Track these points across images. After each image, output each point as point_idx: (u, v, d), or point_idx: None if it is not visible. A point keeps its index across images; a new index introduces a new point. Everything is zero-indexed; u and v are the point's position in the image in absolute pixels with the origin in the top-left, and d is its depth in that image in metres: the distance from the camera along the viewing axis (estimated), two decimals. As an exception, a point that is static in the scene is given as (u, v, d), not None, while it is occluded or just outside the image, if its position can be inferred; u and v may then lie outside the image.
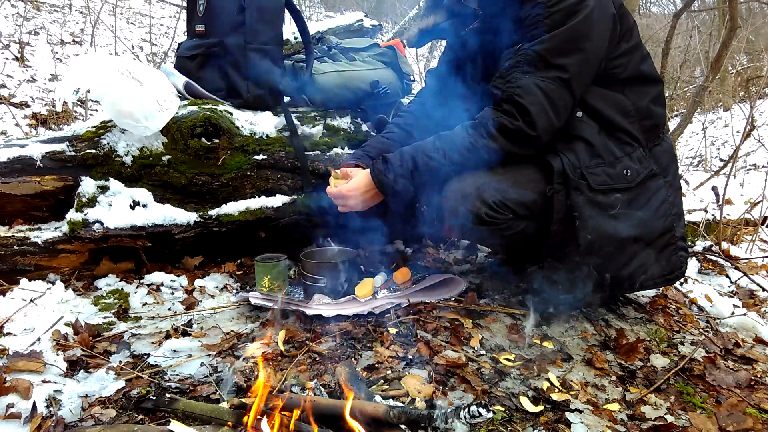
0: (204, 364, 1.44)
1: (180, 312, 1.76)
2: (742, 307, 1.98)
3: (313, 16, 10.26)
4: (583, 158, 1.54)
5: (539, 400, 1.36)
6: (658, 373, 1.51)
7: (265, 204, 1.98)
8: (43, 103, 5.14)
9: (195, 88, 2.04)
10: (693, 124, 6.89)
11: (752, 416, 1.31)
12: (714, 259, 2.42)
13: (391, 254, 2.30)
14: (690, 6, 4.23)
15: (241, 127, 2.00)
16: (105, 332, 1.60)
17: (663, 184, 1.61)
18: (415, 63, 6.07)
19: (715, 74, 3.88)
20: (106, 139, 1.86)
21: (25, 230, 1.79)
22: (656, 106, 1.64)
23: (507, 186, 1.55)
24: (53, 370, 1.35)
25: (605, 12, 1.51)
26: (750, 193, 3.76)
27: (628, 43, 1.59)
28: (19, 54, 5.63)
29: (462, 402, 1.31)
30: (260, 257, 1.87)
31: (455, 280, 1.98)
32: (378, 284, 1.93)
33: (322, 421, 1.14)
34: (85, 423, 1.19)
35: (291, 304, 1.71)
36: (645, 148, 1.60)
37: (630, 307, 1.90)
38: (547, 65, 1.49)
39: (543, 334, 1.69)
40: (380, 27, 3.33)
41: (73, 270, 1.88)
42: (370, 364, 1.46)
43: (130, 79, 1.78)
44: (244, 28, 2.00)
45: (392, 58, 2.42)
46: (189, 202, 1.95)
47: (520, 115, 1.50)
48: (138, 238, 1.84)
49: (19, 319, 1.53)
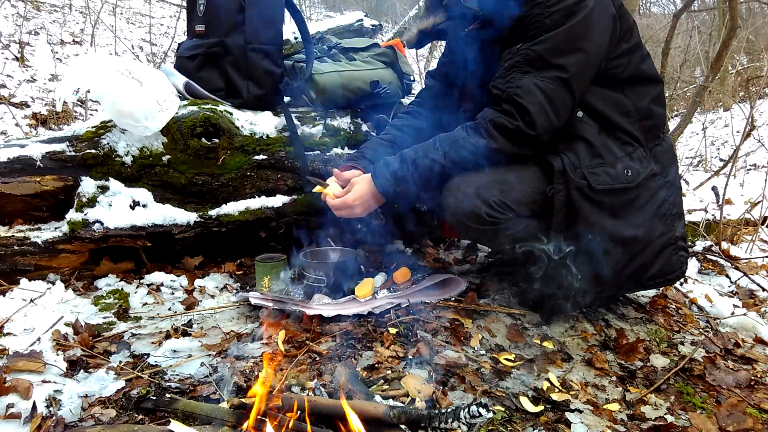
0: (204, 364, 1.44)
1: (180, 312, 1.76)
2: (742, 307, 1.98)
3: (313, 16, 10.27)
4: (583, 158, 1.54)
5: (539, 400, 1.36)
6: (658, 373, 1.51)
7: (265, 204, 1.98)
8: (43, 103, 5.14)
9: (195, 88, 2.04)
10: (693, 124, 6.89)
11: (752, 416, 1.31)
12: (714, 259, 2.42)
13: (391, 254, 2.30)
14: (690, 6, 4.23)
15: (241, 127, 2.00)
16: (105, 332, 1.60)
17: (663, 184, 1.61)
18: (415, 63, 6.08)
19: (715, 74, 3.88)
20: (106, 139, 1.86)
21: (25, 230, 1.79)
22: (656, 106, 1.65)
23: (507, 186, 1.55)
24: (53, 370, 1.35)
25: (605, 12, 1.51)
26: (750, 193, 3.76)
27: (628, 43, 1.59)
28: (19, 54, 5.63)
29: (462, 402, 1.31)
30: (260, 257, 1.87)
31: (455, 280, 1.98)
32: (378, 284, 1.93)
33: (322, 421, 1.14)
34: (85, 423, 1.19)
35: (291, 304, 1.71)
36: (645, 148, 1.60)
37: (630, 307, 1.90)
38: (546, 65, 1.49)
39: (543, 334, 1.69)
40: (380, 27, 3.33)
41: (73, 270, 1.88)
42: (370, 364, 1.46)
43: (130, 79, 1.78)
44: (244, 28, 2.00)
45: (392, 58, 2.42)
46: (189, 202, 1.95)
47: (519, 115, 1.50)
48: (138, 238, 1.85)
49: (19, 319, 1.53)
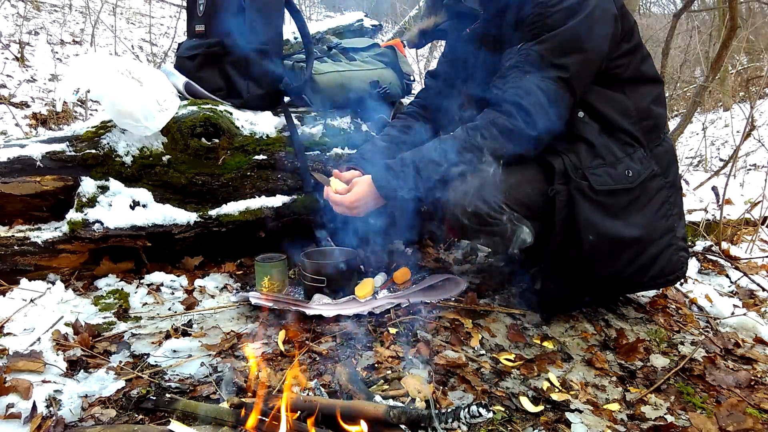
0: (204, 364, 1.44)
1: (180, 312, 1.76)
2: (742, 307, 1.98)
3: (313, 16, 10.26)
4: (584, 158, 1.54)
5: (539, 400, 1.36)
6: (658, 373, 1.51)
7: (265, 204, 1.98)
8: (43, 103, 5.14)
9: (195, 88, 2.04)
10: (693, 124, 6.89)
11: (752, 416, 1.31)
12: (714, 259, 2.42)
13: (391, 254, 2.30)
14: (690, 6, 4.23)
15: (241, 127, 2.00)
16: (105, 332, 1.60)
17: (664, 184, 1.61)
18: (415, 63, 6.07)
19: (715, 74, 3.87)
20: (106, 139, 1.86)
21: (25, 230, 1.79)
22: (657, 106, 1.64)
23: (508, 186, 1.55)
24: (53, 370, 1.35)
25: (607, 12, 1.50)
26: (750, 193, 3.76)
27: (629, 43, 1.58)
28: (19, 54, 5.63)
29: (462, 402, 1.31)
30: (260, 257, 1.87)
31: (455, 280, 1.98)
32: (378, 284, 1.93)
33: (322, 421, 1.14)
34: (85, 423, 1.19)
35: (291, 304, 1.71)
36: (646, 148, 1.60)
37: (630, 307, 1.90)
38: (547, 65, 1.49)
39: (543, 334, 1.69)
40: (380, 27, 3.33)
41: (73, 270, 1.88)
42: (370, 364, 1.46)
43: (130, 79, 1.78)
44: (244, 28, 2.00)
45: (392, 58, 2.41)
46: (189, 202, 1.95)
47: (520, 116, 1.50)
48: (138, 238, 1.84)
49: (19, 319, 1.53)
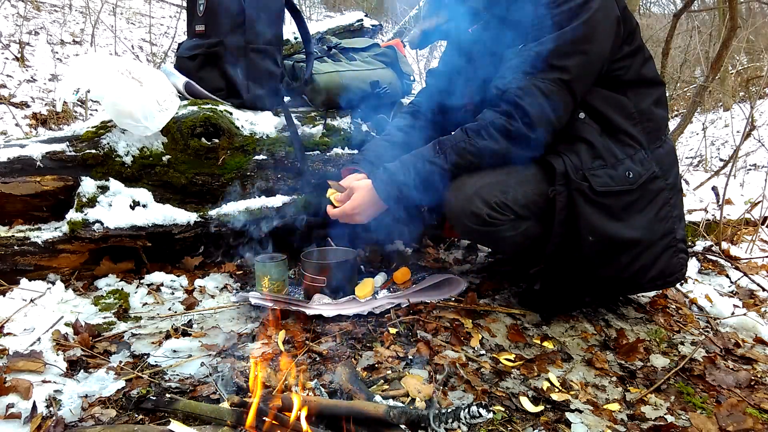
0: (204, 364, 1.44)
1: (180, 312, 1.76)
2: (742, 307, 1.98)
3: (313, 16, 10.25)
4: (584, 159, 1.53)
5: (539, 400, 1.36)
6: (658, 373, 1.51)
7: (265, 204, 1.98)
8: (43, 103, 5.14)
9: (195, 88, 2.04)
10: (693, 124, 6.88)
11: (752, 416, 1.31)
12: (714, 259, 2.42)
13: (391, 254, 2.30)
14: (690, 6, 4.23)
15: (241, 127, 2.00)
16: (105, 332, 1.60)
17: (664, 186, 1.61)
18: (415, 63, 6.07)
19: (715, 74, 3.87)
20: (106, 139, 1.86)
21: (25, 230, 1.79)
22: (658, 108, 1.64)
23: (508, 187, 1.55)
24: (53, 370, 1.35)
25: (609, 14, 1.50)
26: (750, 193, 3.75)
27: (631, 45, 1.58)
28: (19, 54, 5.62)
29: (462, 402, 1.31)
30: (260, 257, 1.87)
31: (455, 280, 1.98)
32: (378, 284, 1.93)
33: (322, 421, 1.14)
34: (85, 423, 1.19)
35: (291, 304, 1.71)
36: (647, 150, 1.59)
37: (630, 307, 1.90)
38: (548, 66, 1.49)
39: (543, 334, 1.69)
40: (380, 27, 3.32)
41: (73, 270, 1.88)
42: (370, 364, 1.46)
43: (130, 79, 1.78)
44: (244, 28, 2.00)
45: (392, 58, 2.41)
46: (189, 202, 1.95)
47: (519, 117, 1.50)
48: (138, 238, 1.84)
49: (19, 319, 1.53)
